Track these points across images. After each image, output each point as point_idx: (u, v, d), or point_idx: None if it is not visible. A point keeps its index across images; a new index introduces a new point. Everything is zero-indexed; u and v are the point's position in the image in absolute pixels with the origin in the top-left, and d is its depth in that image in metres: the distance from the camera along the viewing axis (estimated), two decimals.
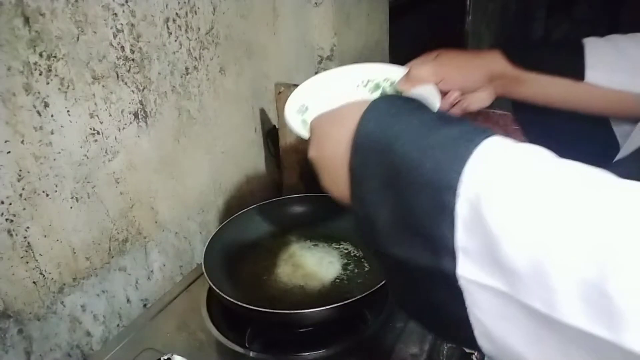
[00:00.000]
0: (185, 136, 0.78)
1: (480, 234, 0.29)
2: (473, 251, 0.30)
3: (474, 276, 0.30)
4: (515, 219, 0.28)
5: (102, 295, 0.69)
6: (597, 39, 0.60)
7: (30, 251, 0.58)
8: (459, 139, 0.32)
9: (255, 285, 0.73)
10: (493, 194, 0.29)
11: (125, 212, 0.70)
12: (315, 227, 0.84)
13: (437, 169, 0.31)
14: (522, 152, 0.31)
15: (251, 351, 0.64)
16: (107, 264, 0.69)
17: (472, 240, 0.30)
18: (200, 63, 0.78)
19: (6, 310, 0.57)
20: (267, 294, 0.71)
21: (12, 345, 0.58)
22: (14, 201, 0.55)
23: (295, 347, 0.65)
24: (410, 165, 0.33)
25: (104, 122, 0.64)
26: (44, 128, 0.57)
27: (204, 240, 0.75)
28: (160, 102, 0.72)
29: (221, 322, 0.69)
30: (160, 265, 0.78)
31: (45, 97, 0.56)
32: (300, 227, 0.84)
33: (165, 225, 0.78)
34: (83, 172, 0.63)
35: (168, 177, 0.77)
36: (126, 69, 0.65)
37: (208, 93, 0.81)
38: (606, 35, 0.60)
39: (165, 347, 0.64)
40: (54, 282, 0.62)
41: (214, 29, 0.79)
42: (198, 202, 0.84)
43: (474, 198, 0.29)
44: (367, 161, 0.36)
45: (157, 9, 0.68)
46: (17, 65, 0.53)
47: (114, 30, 0.62)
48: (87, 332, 0.68)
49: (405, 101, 0.38)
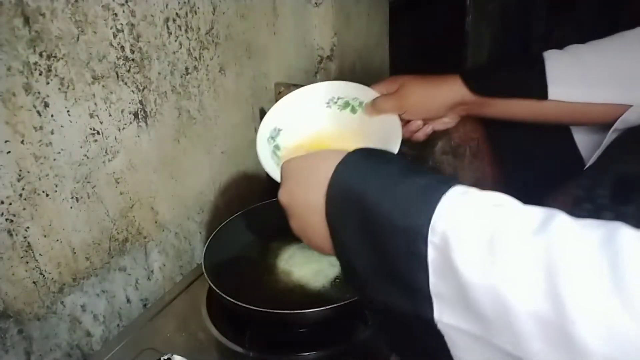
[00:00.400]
0: (185, 136, 0.78)
1: (451, 279, 0.31)
2: (447, 297, 0.31)
3: (451, 321, 0.32)
4: (479, 265, 0.30)
5: (102, 295, 0.69)
6: (557, 53, 0.59)
7: (30, 251, 0.58)
8: (426, 188, 0.34)
9: (255, 285, 0.73)
10: (459, 241, 0.31)
11: (125, 212, 0.70)
12: None
13: (407, 218, 0.33)
14: (484, 200, 0.33)
15: (251, 351, 0.64)
16: (107, 264, 0.69)
17: (445, 286, 0.31)
18: (200, 63, 0.78)
19: (6, 310, 0.57)
20: (267, 294, 0.71)
21: (12, 345, 0.58)
22: (14, 201, 0.55)
23: (295, 347, 0.65)
24: (382, 214, 0.34)
25: (104, 122, 0.64)
26: (44, 128, 0.57)
27: (204, 240, 0.75)
28: (160, 102, 0.72)
29: (221, 322, 0.69)
30: (160, 265, 0.78)
31: (45, 97, 0.56)
32: None
33: (165, 225, 0.78)
34: (83, 172, 0.63)
35: (168, 177, 0.77)
36: (126, 69, 0.65)
37: (208, 93, 0.81)
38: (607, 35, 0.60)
39: (165, 347, 0.64)
40: (54, 282, 0.62)
41: (214, 29, 0.79)
42: (198, 202, 0.84)
43: (443, 245, 0.31)
44: (343, 212, 0.38)
45: (157, 9, 0.68)
46: (17, 65, 0.53)
47: (114, 30, 0.62)
48: (87, 332, 0.68)
49: (376, 154, 0.40)
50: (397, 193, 0.34)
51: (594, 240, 0.28)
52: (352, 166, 0.39)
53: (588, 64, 0.57)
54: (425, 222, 0.32)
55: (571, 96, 0.58)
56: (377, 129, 0.68)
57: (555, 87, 0.58)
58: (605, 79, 0.57)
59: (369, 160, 0.39)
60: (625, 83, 0.56)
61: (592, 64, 0.57)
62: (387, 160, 0.39)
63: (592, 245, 0.27)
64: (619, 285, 0.25)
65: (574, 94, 0.58)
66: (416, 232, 0.32)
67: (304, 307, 0.62)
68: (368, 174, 0.37)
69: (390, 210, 0.34)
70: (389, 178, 0.36)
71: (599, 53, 0.57)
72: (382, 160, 0.39)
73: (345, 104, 0.71)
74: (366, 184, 0.36)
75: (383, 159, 0.39)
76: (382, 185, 0.36)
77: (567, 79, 0.58)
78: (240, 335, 0.67)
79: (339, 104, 0.71)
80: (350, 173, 0.38)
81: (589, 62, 0.57)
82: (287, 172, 0.45)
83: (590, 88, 0.57)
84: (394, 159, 0.39)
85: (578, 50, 0.59)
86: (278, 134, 0.70)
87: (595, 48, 0.58)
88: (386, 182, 0.36)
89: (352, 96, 0.70)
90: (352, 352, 0.63)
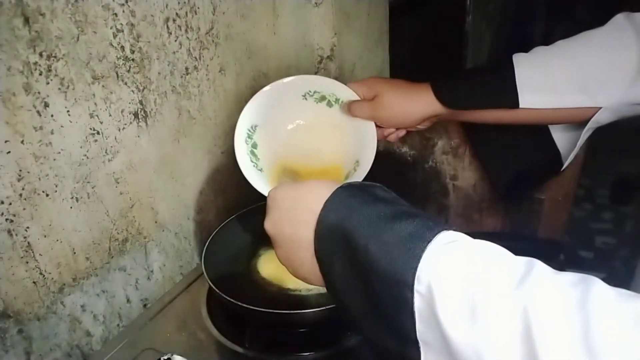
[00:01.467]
0: (185, 136, 0.78)
1: (435, 330, 0.32)
2: (432, 344, 0.32)
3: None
4: (461, 322, 0.31)
5: (102, 295, 0.69)
6: (526, 58, 0.60)
7: (30, 251, 0.58)
8: (413, 236, 0.34)
9: (255, 285, 0.73)
10: (443, 296, 0.31)
11: (125, 212, 0.70)
12: None
13: (394, 265, 0.34)
14: (468, 251, 0.34)
15: (251, 351, 0.64)
16: (107, 264, 0.69)
17: (431, 335, 0.32)
18: (200, 63, 0.78)
19: (6, 310, 0.57)
20: (267, 294, 0.71)
21: (12, 345, 0.58)
22: (14, 201, 0.55)
23: (295, 347, 0.65)
24: (370, 259, 0.35)
25: (104, 122, 0.64)
26: (44, 128, 0.57)
27: (204, 240, 0.75)
28: (160, 102, 0.72)
29: (221, 322, 0.69)
30: (160, 265, 0.78)
31: (45, 97, 0.56)
32: None
33: (165, 225, 0.78)
34: (83, 172, 0.63)
35: (168, 177, 0.77)
36: (126, 69, 0.65)
37: (208, 93, 0.81)
38: None
39: (165, 347, 0.64)
40: (54, 282, 0.62)
41: (214, 29, 0.79)
42: (198, 202, 0.84)
43: (428, 294, 0.32)
44: (332, 250, 0.38)
45: (157, 9, 0.68)
46: (17, 65, 0.53)
47: (114, 30, 0.62)
48: (87, 332, 0.68)
49: (365, 192, 0.40)
50: (384, 239, 0.35)
51: (570, 300, 0.29)
52: (340, 204, 0.39)
53: (556, 69, 0.58)
54: (411, 271, 0.33)
55: (542, 103, 0.59)
56: (354, 126, 0.69)
57: (525, 95, 0.59)
58: (573, 84, 0.58)
59: (357, 199, 0.38)
60: (594, 87, 0.57)
61: (560, 68, 0.58)
62: (376, 200, 0.38)
63: (567, 307, 0.28)
64: (590, 352, 0.26)
65: (545, 101, 0.59)
66: (402, 281, 0.33)
67: (304, 307, 0.62)
68: (356, 214, 0.37)
69: (377, 256, 0.34)
70: (378, 222, 0.36)
71: (566, 57, 0.58)
72: (371, 199, 0.38)
73: (321, 97, 0.71)
74: (354, 226, 0.36)
75: (372, 197, 0.39)
76: (369, 229, 0.36)
77: (537, 86, 0.59)
78: (240, 335, 0.67)
79: (315, 97, 0.71)
80: (338, 211, 0.38)
81: (557, 67, 0.58)
82: (274, 202, 0.45)
83: (560, 94, 0.58)
84: (384, 198, 0.39)
85: (546, 55, 0.59)
86: (255, 131, 0.70)
87: (562, 51, 0.59)
88: (374, 226, 0.36)
89: (329, 91, 0.71)
90: (351, 352, 0.63)
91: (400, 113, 0.66)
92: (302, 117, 0.72)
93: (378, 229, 0.35)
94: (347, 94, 0.70)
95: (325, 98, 0.71)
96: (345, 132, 0.70)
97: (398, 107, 0.66)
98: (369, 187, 0.41)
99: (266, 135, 0.70)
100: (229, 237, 0.78)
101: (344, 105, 0.70)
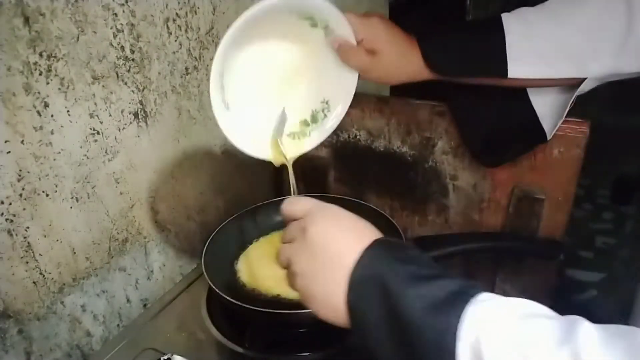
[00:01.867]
0: (185, 136, 0.78)
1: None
2: None
3: None
4: None
5: (102, 295, 0.69)
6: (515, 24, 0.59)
7: (30, 251, 0.58)
8: (455, 293, 0.35)
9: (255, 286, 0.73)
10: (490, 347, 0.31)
11: (125, 212, 0.70)
12: None
13: (436, 318, 0.34)
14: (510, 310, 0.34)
15: (251, 351, 0.64)
16: (107, 264, 0.69)
17: None
18: (200, 63, 0.78)
19: (6, 310, 0.57)
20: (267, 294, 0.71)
21: (12, 345, 0.58)
22: (14, 201, 0.55)
23: (295, 347, 0.65)
24: (411, 313, 0.35)
25: (104, 122, 0.64)
26: (44, 128, 0.57)
27: (204, 240, 0.75)
28: (160, 102, 0.72)
29: (221, 322, 0.69)
30: (160, 265, 0.78)
31: (45, 97, 0.56)
32: None
33: (165, 225, 0.78)
34: (83, 172, 0.63)
35: (168, 177, 0.77)
36: (126, 69, 0.65)
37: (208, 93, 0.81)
38: None
39: (165, 347, 0.64)
40: (54, 282, 0.62)
41: (214, 29, 0.79)
42: (198, 202, 0.84)
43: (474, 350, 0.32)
44: (367, 302, 0.38)
45: (157, 9, 0.68)
46: (17, 65, 0.53)
47: (114, 30, 0.62)
48: (87, 332, 0.68)
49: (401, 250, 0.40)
50: (425, 294, 0.35)
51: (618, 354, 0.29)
52: (377, 258, 0.39)
53: (545, 38, 0.58)
54: (456, 326, 0.33)
55: (530, 73, 0.60)
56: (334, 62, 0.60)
57: (514, 65, 0.59)
58: (564, 54, 0.58)
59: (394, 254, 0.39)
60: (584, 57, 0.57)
61: (548, 37, 0.58)
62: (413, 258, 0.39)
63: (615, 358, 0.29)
64: None
65: (533, 71, 0.59)
66: (445, 334, 0.33)
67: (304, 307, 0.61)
68: (395, 267, 0.37)
69: (419, 310, 0.34)
70: (419, 279, 0.36)
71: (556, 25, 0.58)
72: (409, 257, 0.39)
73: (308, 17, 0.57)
74: (393, 278, 0.37)
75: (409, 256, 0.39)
76: (410, 283, 0.36)
77: (526, 57, 0.59)
78: (240, 335, 0.67)
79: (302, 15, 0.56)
80: (376, 266, 0.38)
81: (547, 37, 0.58)
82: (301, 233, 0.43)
83: (550, 65, 0.59)
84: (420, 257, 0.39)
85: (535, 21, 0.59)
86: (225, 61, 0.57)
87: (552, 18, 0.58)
88: (415, 282, 0.36)
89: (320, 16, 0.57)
90: (351, 352, 0.63)
91: (393, 74, 0.63)
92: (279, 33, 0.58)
93: (420, 284, 0.36)
94: (341, 27, 0.58)
95: (312, 19, 0.57)
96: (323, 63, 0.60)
97: (392, 68, 0.62)
98: (404, 246, 0.41)
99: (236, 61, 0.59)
100: (229, 237, 0.78)
101: (334, 40, 0.59)
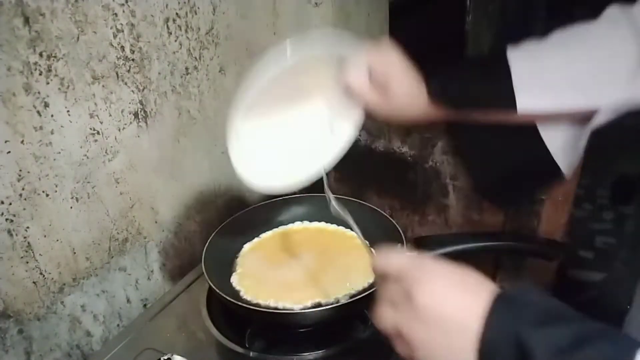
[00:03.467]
0: (185, 136, 0.78)
1: None
2: None
3: None
4: None
5: (102, 295, 0.69)
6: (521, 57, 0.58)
7: (30, 251, 0.58)
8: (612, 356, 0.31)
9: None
10: None
11: (125, 212, 0.70)
12: None
13: None
14: None
15: (251, 351, 0.64)
16: (107, 264, 0.69)
17: None
18: (200, 63, 0.78)
19: (6, 310, 0.57)
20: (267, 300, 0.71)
21: (12, 345, 0.58)
22: (14, 201, 0.55)
23: (295, 347, 0.65)
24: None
25: (104, 122, 0.64)
26: (44, 128, 0.57)
27: (204, 240, 0.74)
28: (160, 102, 0.72)
29: (221, 322, 0.69)
30: (160, 265, 0.78)
31: (45, 97, 0.56)
32: None
33: (165, 225, 0.78)
34: (83, 172, 0.63)
35: (168, 177, 0.77)
36: (126, 69, 0.65)
37: (208, 93, 0.81)
38: None
39: (165, 347, 0.64)
40: (54, 282, 0.62)
41: (214, 29, 0.79)
42: (198, 202, 0.84)
43: None
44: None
45: (157, 9, 0.68)
46: (17, 65, 0.53)
47: (114, 30, 0.62)
48: (87, 332, 0.68)
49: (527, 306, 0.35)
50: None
51: None
52: (508, 317, 0.34)
53: (552, 70, 0.56)
54: None
55: (539, 106, 0.57)
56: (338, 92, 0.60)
57: (523, 98, 0.57)
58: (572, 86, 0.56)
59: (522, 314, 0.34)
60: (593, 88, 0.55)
61: (557, 69, 0.56)
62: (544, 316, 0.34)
63: None
64: None
65: (542, 104, 0.57)
66: None
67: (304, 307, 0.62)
68: (529, 337, 0.32)
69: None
70: (563, 351, 0.32)
71: (563, 56, 0.56)
72: (538, 317, 0.34)
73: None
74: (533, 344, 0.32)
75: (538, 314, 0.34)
76: (554, 353, 0.32)
77: (534, 88, 0.57)
78: (240, 335, 0.67)
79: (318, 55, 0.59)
80: (510, 322, 0.33)
81: (552, 68, 0.56)
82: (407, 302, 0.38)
83: (557, 97, 0.56)
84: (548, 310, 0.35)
85: (541, 53, 0.57)
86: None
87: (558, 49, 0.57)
88: (560, 354, 0.32)
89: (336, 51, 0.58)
90: (351, 352, 0.63)
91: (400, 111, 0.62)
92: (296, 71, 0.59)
93: (572, 348, 0.31)
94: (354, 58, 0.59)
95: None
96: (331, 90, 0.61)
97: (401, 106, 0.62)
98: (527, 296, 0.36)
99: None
100: (229, 237, 0.78)
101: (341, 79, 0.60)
